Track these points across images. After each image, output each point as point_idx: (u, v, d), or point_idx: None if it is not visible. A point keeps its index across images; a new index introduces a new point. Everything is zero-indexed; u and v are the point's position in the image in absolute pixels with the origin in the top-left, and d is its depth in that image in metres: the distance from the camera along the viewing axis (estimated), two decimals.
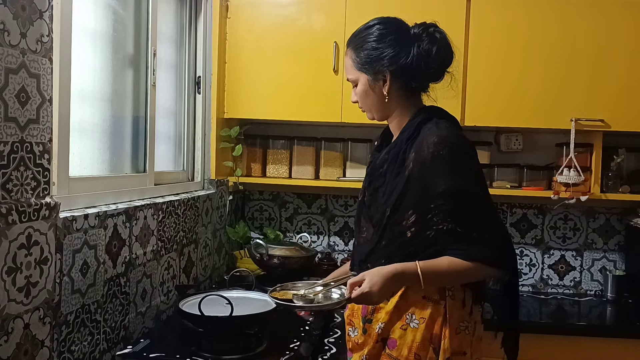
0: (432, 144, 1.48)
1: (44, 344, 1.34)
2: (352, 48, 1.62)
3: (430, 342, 1.50)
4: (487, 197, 1.54)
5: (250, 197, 3.02)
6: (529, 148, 2.83)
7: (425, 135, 1.51)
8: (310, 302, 1.47)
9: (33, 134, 1.28)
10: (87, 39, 1.71)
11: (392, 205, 1.52)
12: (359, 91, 1.62)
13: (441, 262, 1.46)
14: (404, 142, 1.55)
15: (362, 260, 1.59)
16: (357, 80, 1.62)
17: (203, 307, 1.58)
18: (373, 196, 1.61)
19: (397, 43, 1.56)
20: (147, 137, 2.05)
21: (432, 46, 1.54)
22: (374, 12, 1.72)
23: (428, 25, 1.57)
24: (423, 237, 1.49)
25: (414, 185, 1.50)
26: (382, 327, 1.53)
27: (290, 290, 1.55)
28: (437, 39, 1.55)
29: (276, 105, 2.60)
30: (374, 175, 1.62)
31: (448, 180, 1.46)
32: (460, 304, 1.52)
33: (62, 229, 1.39)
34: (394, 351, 1.51)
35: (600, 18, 2.47)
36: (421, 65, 1.54)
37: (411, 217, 1.50)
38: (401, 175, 1.52)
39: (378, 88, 1.59)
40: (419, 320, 1.50)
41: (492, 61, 2.51)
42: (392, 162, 1.56)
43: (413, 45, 1.54)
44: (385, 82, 1.57)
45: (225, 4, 2.61)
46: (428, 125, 1.54)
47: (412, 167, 1.50)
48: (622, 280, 2.74)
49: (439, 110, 1.62)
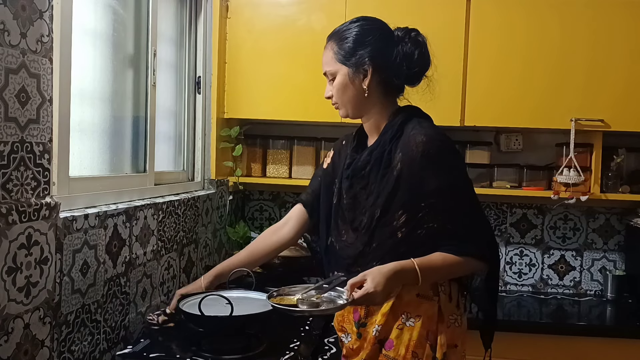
0: (421, 144, 1.49)
1: (44, 344, 1.34)
2: (334, 41, 1.62)
3: (426, 338, 1.51)
4: (474, 194, 1.57)
5: (250, 197, 3.02)
6: (529, 148, 2.84)
7: (411, 135, 1.52)
8: (316, 305, 1.45)
9: (33, 134, 1.28)
10: (87, 39, 1.71)
11: (381, 206, 1.52)
12: (337, 84, 1.61)
13: (436, 258, 1.48)
14: (388, 142, 1.55)
15: (350, 264, 1.58)
16: (335, 72, 1.61)
17: (203, 307, 1.58)
18: (353, 199, 1.60)
19: (381, 39, 1.57)
20: (147, 137, 2.05)
21: (415, 49, 1.56)
22: (374, 12, 1.72)
23: (410, 30, 1.59)
24: (414, 236, 1.50)
25: (403, 185, 1.50)
26: (379, 330, 1.53)
27: (288, 295, 1.53)
28: (420, 42, 1.57)
29: (276, 105, 2.60)
30: (356, 177, 1.60)
31: (439, 178, 1.48)
32: (449, 297, 1.54)
33: (62, 229, 1.39)
34: (391, 351, 1.51)
35: (600, 18, 2.47)
36: (403, 65, 1.56)
37: (401, 217, 1.51)
38: (388, 176, 1.52)
39: (358, 82, 1.58)
40: (414, 319, 1.51)
41: (492, 61, 2.51)
42: (377, 164, 1.55)
43: (396, 45, 1.56)
44: (365, 76, 1.57)
45: (225, 4, 2.61)
46: (410, 125, 1.55)
47: (400, 167, 1.51)
48: (622, 280, 2.75)
49: (418, 110, 1.63)
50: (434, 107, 1.67)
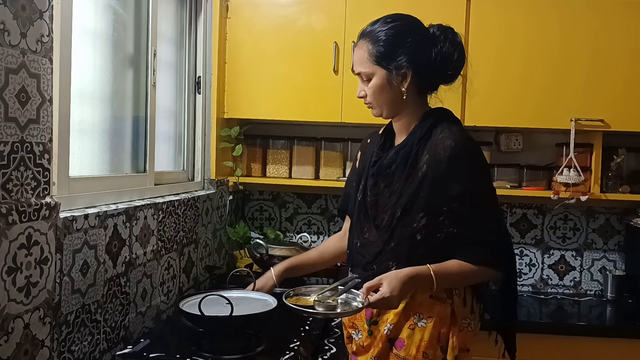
0: (449, 148, 1.49)
1: (44, 344, 1.34)
2: (369, 41, 1.56)
3: (438, 340, 1.51)
4: (496, 203, 1.57)
5: (250, 197, 3.02)
6: (529, 148, 2.83)
7: (440, 138, 1.51)
8: (332, 308, 1.45)
9: (33, 134, 1.28)
10: (87, 39, 1.71)
11: (402, 206, 1.52)
12: (374, 85, 1.57)
13: (452, 266, 1.48)
14: (416, 143, 1.54)
15: (368, 262, 1.58)
16: (371, 74, 1.56)
17: (203, 307, 1.58)
18: (377, 197, 1.60)
19: (418, 41, 1.55)
20: (147, 137, 2.05)
21: (454, 50, 1.55)
22: (374, 12, 1.72)
23: (446, 28, 1.57)
24: (433, 240, 1.50)
25: (426, 187, 1.50)
26: (390, 328, 1.53)
27: (304, 296, 1.54)
28: (458, 43, 1.56)
29: (276, 105, 2.60)
30: (381, 175, 1.60)
31: (463, 184, 1.48)
32: (463, 302, 1.54)
33: (62, 229, 1.39)
34: (401, 351, 1.51)
35: (600, 18, 2.47)
36: (441, 67, 1.55)
37: (422, 219, 1.50)
38: (413, 176, 1.52)
39: (396, 84, 1.55)
40: (426, 320, 1.51)
41: (492, 61, 2.50)
42: (403, 163, 1.55)
43: (434, 45, 1.54)
44: (405, 79, 1.54)
45: (225, 4, 2.61)
46: (440, 128, 1.54)
47: (426, 169, 1.51)
48: (622, 280, 2.74)
49: (449, 113, 1.62)
50: (434, 107, 1.67)
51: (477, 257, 1.48)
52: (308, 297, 1.52)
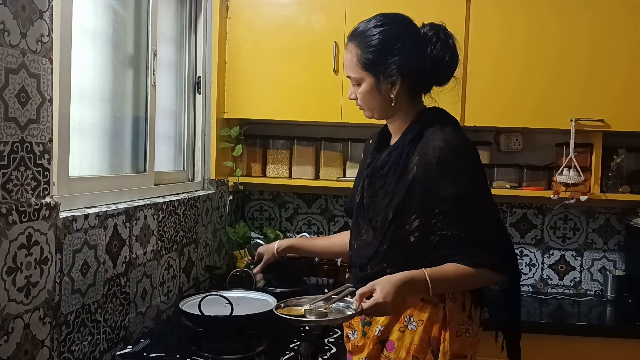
0: (438, 149, 1.45)
1: (44, 344, 1.34)
2: (357, 45, 1.54)
3: (428, 344, 1.48)
4: (492, 203, 1.53)
5: (250, 197, 3.02)
6: (529, 148, 2.83)
7: (430, 139, 1.48)
8: (324, 315, 1.41)
9: (33, 134, 1.29)
10: (87, 39, 1.71)
11: (394, 208, 1.50)
12: (363, 91, 1.55)
13: (448, 269, 1.44)
14: (407, 145, 1.52)
15: (364, 264, 1.57)
16: (360, 79, 1.54)
17: (203, 307, 1.58)
18: (372, 198, 1.59)
19: (409, 46, 1.50)
20: (147, 137, 2.05)
21: (445, 53, 1.51)
22: (374, 12, 1.70)
23: (438, 27, 1.54)
24: (427, 242, 1.47)
25: (417, 189, 1.47)
26: (381, 330, 1.52)
27: (295, 307, 1.49)
28: (450, 45, 1.52)
29: (276, 105, 2.60)
30: (375, 176, 1.59)
31: (454, 185, 1.44)
32: (461, 306, 1.51)
33: (62, 229, 1.39)
34: (392, 353, 1.50)
35: (600, 18, 2.47)
36: (432, 71, 1.52)
37: (415, 221, 1.48)
38: (404, 178, 1.50)
39: (385, 91, 1.53)
40: (417, 323, 1.49)
41: (492, 61, 2.51)
42: (394, 165, 1.53)
43: (425, 49, 1.51)
44: (394, 86, 1.52)
45: (225, 4, 2.61)
46: (431, 129, 1.51)
47: (416, 171, 1.48)
48: (622, 280, 2.74)
49: (442, 113, 1.59)
50: (430, 106, 1.67)
51: (475, 259, 1.43)
52: (299, 308, 1.46)
